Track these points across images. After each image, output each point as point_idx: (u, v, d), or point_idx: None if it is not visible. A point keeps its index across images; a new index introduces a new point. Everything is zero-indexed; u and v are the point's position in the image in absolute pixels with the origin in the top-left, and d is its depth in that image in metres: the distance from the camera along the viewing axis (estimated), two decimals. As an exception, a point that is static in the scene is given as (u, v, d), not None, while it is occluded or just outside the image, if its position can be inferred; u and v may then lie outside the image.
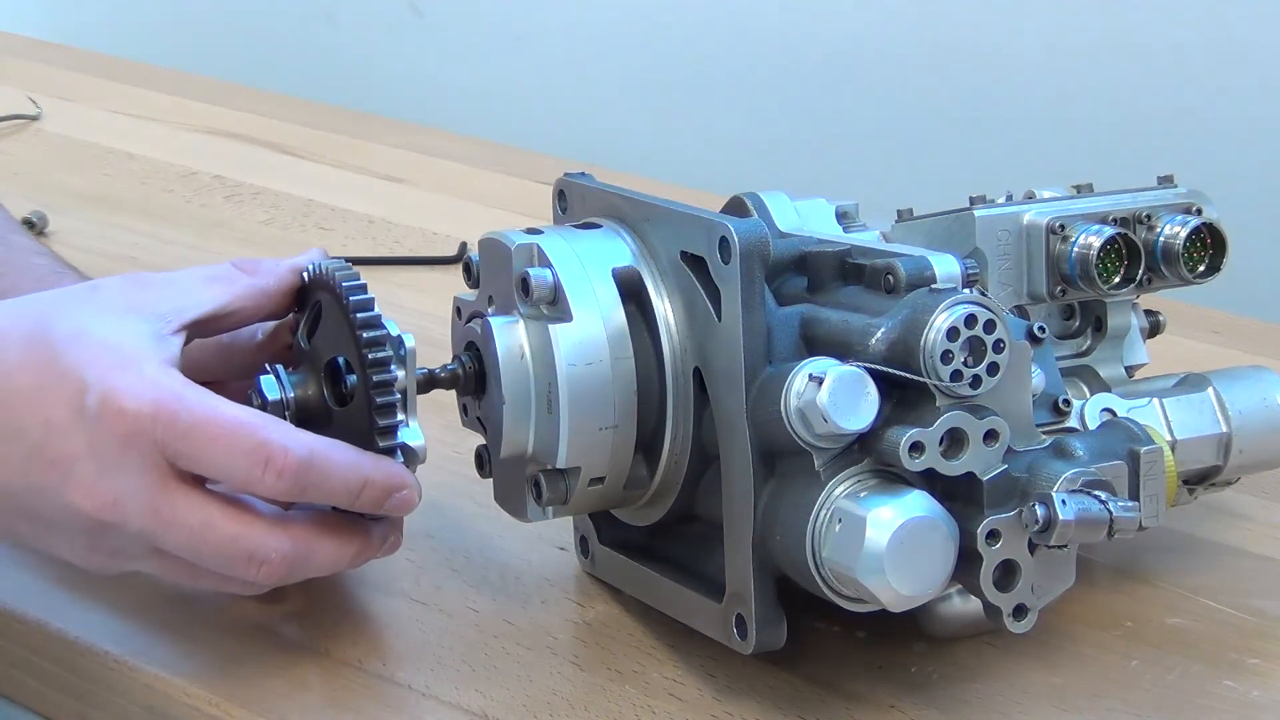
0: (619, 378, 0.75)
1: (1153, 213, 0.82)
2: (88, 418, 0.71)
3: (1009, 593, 0.69)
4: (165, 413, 0.71)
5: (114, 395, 0.71)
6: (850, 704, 0.76)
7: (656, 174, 1.37)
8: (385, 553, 0.78)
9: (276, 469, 0.71)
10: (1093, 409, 0.80)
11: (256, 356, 0.81)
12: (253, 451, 0.71)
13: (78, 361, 0.72)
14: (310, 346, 0.78)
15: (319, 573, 0.76)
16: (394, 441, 0.74)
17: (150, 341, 0.74)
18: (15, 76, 1.63)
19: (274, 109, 1.56)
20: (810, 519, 0.69)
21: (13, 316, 0.76)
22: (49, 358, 0.73)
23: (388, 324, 0.75)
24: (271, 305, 0.79)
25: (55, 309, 0.75)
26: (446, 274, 1.18)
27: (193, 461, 0.72)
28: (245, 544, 0.73)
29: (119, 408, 0.71)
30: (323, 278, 0.77)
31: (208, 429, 0.71)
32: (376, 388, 0.74)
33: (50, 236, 1.26)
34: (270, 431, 0.72)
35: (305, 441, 0.72)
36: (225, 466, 0.72)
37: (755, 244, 0.71)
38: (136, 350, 0.73)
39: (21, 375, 0.73)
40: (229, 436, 0.71)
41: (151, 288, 0.77)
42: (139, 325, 0.75)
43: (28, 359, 0.73)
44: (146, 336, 0.74)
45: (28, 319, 0.75)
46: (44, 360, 0.73)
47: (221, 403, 0.72)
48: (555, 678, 0.78)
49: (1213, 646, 0.80)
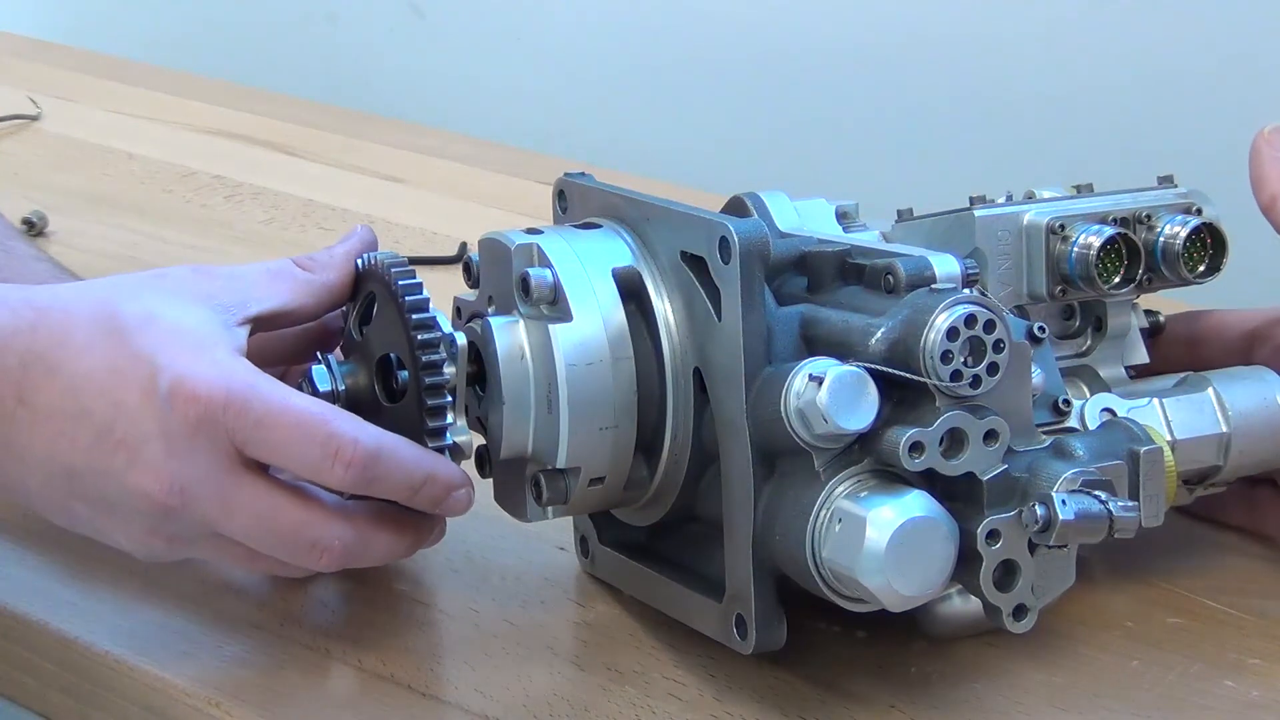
0: (619, 378, 0.75)
1: (1153, 213, 0.82)
2: (159, 401, 0.72)
3: (1009, 593, 0.69)
4: (238, 400, 0.72)
5: (187, 380, 0.72)
6: (850, 704, 0.76)
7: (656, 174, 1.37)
8: (432, 543, 0.79)
9: (345, 460, 0.72)
10: (1093, 409, 0.80)
11: (304, 343, 0.83)
12: (324, 443, 0.72)
13: (149, 345, 0.73)
14: (362, 338, 0.78)
15: (374, 562, 0.78)
16: (444, 442, 0.75)
17: (219, 329, 0.75)
18: (15, 76, 1.63)
19: (274, 109, 1.56)
20: (810, 519, 0.69)
21: (77, 298, 0.76)
22: (119, 340, 0.73)
23: (440, 320, 0.75)
24: (332, 300, 0.80)
25: (122, 291, 0.76)
26: (446, 274, 1.18)
27: (262, 449, 0.73)
28: (309, 531, 0.74)
29: (192, 393, 0.71)
30: (377, 271, 0.77)
31: (280, 418, 0.72)
32: (429, 390, 0.74)
33: (50, 236, 1.26)
34: (341, 423, 0.73)
35: (374, 434, 0.73)
36: (295, 456, 0.72)
37: (755, 244, 0.71)
38: (207, 336, 0.74)
39: (90, 357, 0.73)
40: (300, 427, 0.72)
41: (217, 279, 0.78)
42: (207, 313, 0.75)
43: (97, 340, 0.73)
44: (215, 324, 0.75)
45: (92, 300, 0.75)
46: (114, 343, 0.73)
47: (292, 393, 0.73)
48: (555, 678, 0.78)
49: (1213, 646, 0.80)
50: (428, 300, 0.75)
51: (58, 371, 0.73)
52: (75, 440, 0.73)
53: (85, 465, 0.73)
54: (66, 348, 0.73)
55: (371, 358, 0.78)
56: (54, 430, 0.73)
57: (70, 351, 0.73)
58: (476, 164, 1.44)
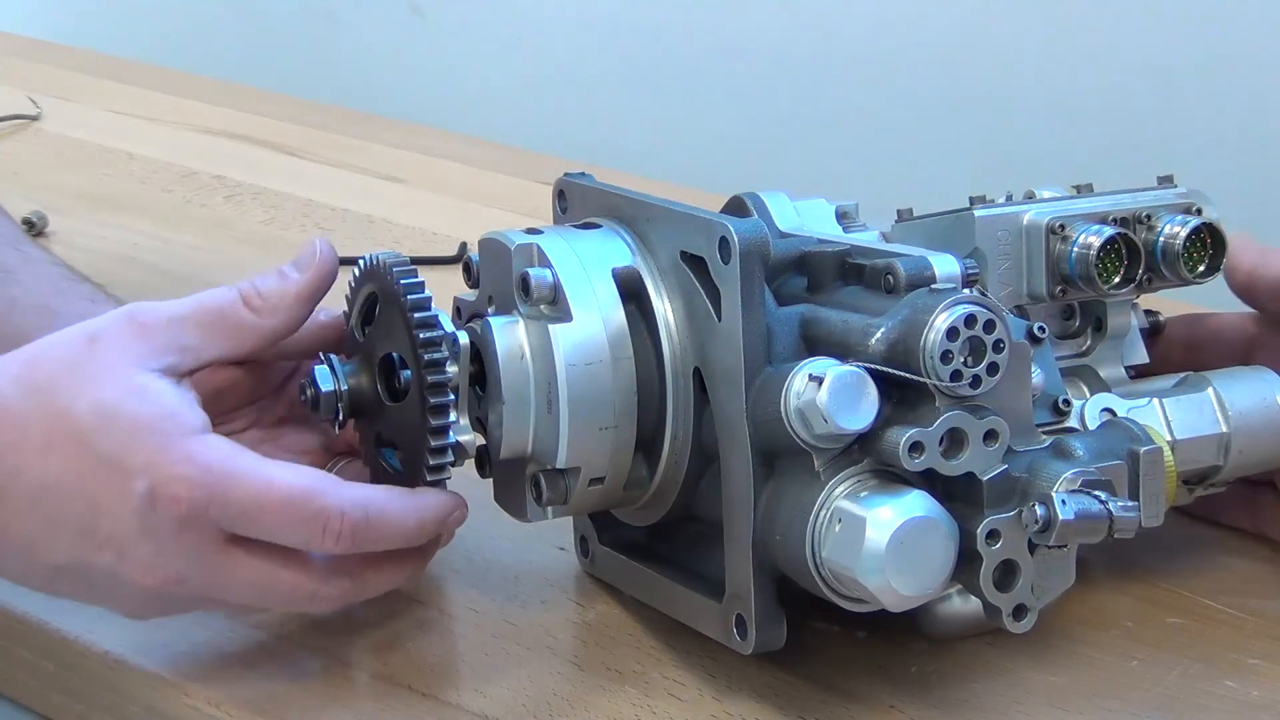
0: (619, 378, 0.75)
1: (1153, 213, 0.82)
2: (137, 502, 0.71)
3: (1009, 593, 0.69)
4: (219, 495, 0.71)
5: (165, 484, 0.70)
6: (850, 704, 0.76)
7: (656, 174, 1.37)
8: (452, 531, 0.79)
9: (334, 533, 0.72)
10: (1093, 409, 0.80)
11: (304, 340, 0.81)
12: (310, 520, 0.72)
13: (114, 448, 0.71)
14: (364, 338, 0.78)
15: (377, 594, 0.77)
16: (446, 441, 0.75)
17: (174, 400, 0.72)
18: (15, 76, 1.63)
19: (274, 109, 1.56)
20: (810, 519, 0.69)
21: (16, 391, 0.72)
22: (80, 445, 0.71)
23: (442, 319, 0.75)
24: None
25: (61, 377, 0.72)
26: (446, 274, 1.18)
27: (251, 532, 0.72)
28: (305, 588, 0.74)
29: (173, 495, 0.71)
30: (379, 271, 0.77)
31: (264, 502, 0.71)
32: (431, 389, 0.74)
33: (50, 236, 1.26)
34: (325, 497, 0.72)
35: (359, 499, 0.73)
36: (284, 536, 0.73)
37: (755, 244, 0.71)
38: (168, 419, 0.72)
39: (53, 459, 0.71)
40: (285, 509, 0.72)
41: (153, 334, 0.74)
42: (156, 384, 0.73)
43: (56, 442, 0.71)
44: (169, 396, 0.73)
45: (36, 395, 0.72)
46: (75, 448, 0.71)
47: (273, 470, 0.72)
48: (555, 678, 0.78)
49: (1213, 646, 0.80)
50: (430, 299, 0.75)
51: (21, 474, 0.71)
52: (55, 542, 0.72)
53: (69, 563, 0.72)
54: (24, 451, 0.71)
55: (374, 357, 0.78)
56: (30, 532, 0.72)
57: (29, 454, 0.71)
58: (476, 164, 1.44)
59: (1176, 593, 0.84)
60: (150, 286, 1.03)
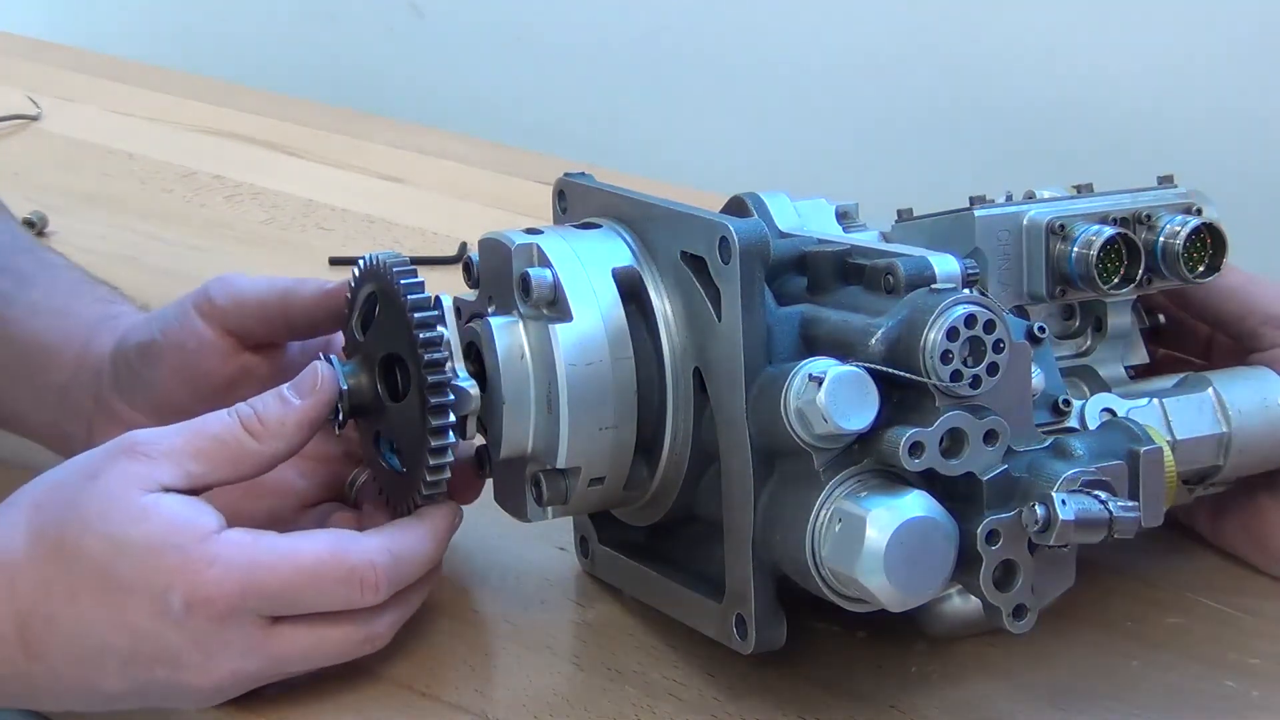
0: (619, 378, 0.75)
1: (1153, 213, 0.82)
2: (175, 617, 0.71)
3: (1009, 593, 0.69)
4: (252, 587, 0.72)
5: (196, 590, 0.71)
6: (850, 704, 0.76)
7: (656, 174, 1.37)
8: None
9: (372, 586, 0.74)
10: (1093, 409, 0.80)
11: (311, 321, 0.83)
12: (345, 582, 0.73)
13: (137, 576, 0.71)
14: (364, 338, 0.78)
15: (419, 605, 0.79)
16: (446, 441, 0.75)
17: (184, 511, 0.73)
18: (15, 76, 1.63)
19: (274, 109, 1.56)
20: (810, 519, 0.69)
21: (23, 543, 0.73)
22: (102, 580, 0.71)
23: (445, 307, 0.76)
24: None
25: (67, 519, 0.72)
26: (446, 274, 1.18)
27: (292, 610, 0.73)
28: (357, 637, 0.75)
29: (206, 598, 0.71)
30: (379, 270, 0.77)
31: (295, 582, 0.72)
32: (431, 388, 0.74)
33: (50, 236, 1.26)
34: (351, 555, 0.73)
35: (383, 547, 0.74)
36: (325, 603, 0.74)
37: (755, 244, 0.71)
38: (180, 533, 0.72)
39: (82, 600, 0.72)
40: (318, 580, 0.73)
41: (147, 460, 0.74)
42: (162, 502, 0.73)
43: (79, 584, 0.72)
44: (177, 509, 0.73)
45: (44, 543, 0.72)
46: (99, 583, 0.71)
47: (296, 544, 0.73)
48: (555, 678, 0.78)
49: (1213, 646, 0.80)
50: (429, 299, 0.75)
51: (56, 623, 0.72)
52: (107, 676, 0.72)
53: (123, 689, 0.73)
54: (51, 602, 0.72)
55: (374, 357, 0.78)
56: (80, 674, 0.73)
57: (58, 605, 0.72)
58: (476, 164, 1.44)
59: (1176, 593, 0.84)
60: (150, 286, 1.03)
